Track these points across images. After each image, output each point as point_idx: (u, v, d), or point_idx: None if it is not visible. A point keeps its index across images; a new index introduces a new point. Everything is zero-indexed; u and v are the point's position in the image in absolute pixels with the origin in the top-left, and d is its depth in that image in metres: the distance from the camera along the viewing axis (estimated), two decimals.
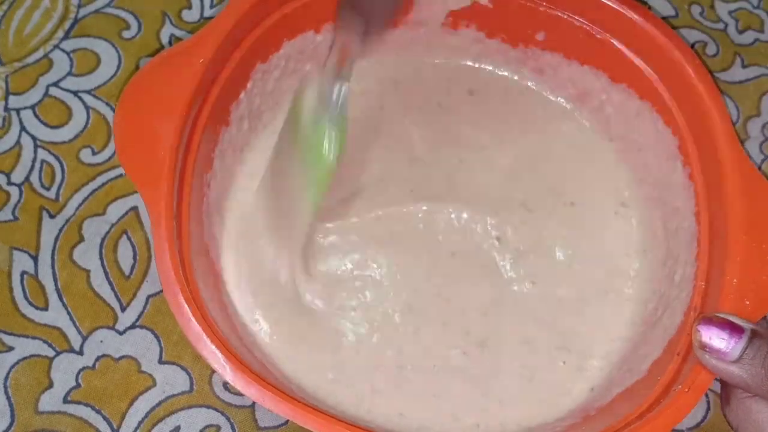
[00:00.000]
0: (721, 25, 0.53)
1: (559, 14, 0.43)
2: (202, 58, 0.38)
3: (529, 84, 0.48)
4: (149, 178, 0.36)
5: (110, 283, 0.44)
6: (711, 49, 0.52)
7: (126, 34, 0.50)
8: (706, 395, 0.43)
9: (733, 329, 0.33)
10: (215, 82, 0.39)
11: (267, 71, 0.43)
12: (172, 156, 0.36)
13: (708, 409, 0.43)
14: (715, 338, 0.33)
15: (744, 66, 0.52)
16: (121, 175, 0.46)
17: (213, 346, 0.34)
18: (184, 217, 0.37)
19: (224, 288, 0.41)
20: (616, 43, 0.43)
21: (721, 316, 0.34)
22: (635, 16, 0.41)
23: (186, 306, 0.34)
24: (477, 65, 0.48)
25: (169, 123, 0.36)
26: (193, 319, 0.34)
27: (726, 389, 0.36)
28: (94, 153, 0.47)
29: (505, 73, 0.48)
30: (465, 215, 0.44)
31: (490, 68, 0.48)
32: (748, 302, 0.35)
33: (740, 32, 0.53)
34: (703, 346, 0.33)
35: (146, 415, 0.41)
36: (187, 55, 0.38)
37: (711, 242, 0.38)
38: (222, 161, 0.42)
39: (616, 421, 0.35)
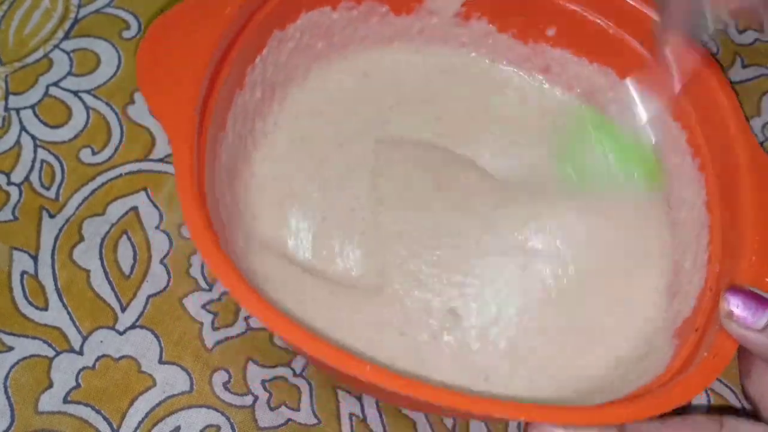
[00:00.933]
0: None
1: (574, 8, 0.44)
2: (229, 7, 0.38)
3: (535, 81, 0.48)
4: (171, 110, 0.36)
5: (110, 283, 0.44)
6: (711, 49, 0.52)
7: (126, 34, 0.50)
8: (706, 392, 0.43)
9: (760, 300, 0.34)
10: (236, 41, 0.40)
11: (282, 40, 0.43)
12: (195, 88, 0.36)
13: (708, 409, 0.43)
14: (743, 306, 0.34)
15: (744, 66, 0.52)
16: (120, 175, 0.46)
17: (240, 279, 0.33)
18: (201, 169, 0.37)
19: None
20: (629, 39, 0.43)
21: (749, 288, 0.35)
22: (651, 12, 0.41)
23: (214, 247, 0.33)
24: (485, 61, 0.48)
25: (194, 58, 0.37)
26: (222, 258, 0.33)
27: (746, 362, 0.37)
28: (94, 153, 0.47)
29: (512, 69, 0.48)
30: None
31: (497, 64, 0.48)
32: (767, 279, 0.36)
33: (740, 32, 0.53)
34: (730, 315, 0.34)
35: (146, 415, 0.41)
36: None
37: (723, 230, 0.39)
38: (234, 125, 0.41)
39: (635, 389, 0.36)
